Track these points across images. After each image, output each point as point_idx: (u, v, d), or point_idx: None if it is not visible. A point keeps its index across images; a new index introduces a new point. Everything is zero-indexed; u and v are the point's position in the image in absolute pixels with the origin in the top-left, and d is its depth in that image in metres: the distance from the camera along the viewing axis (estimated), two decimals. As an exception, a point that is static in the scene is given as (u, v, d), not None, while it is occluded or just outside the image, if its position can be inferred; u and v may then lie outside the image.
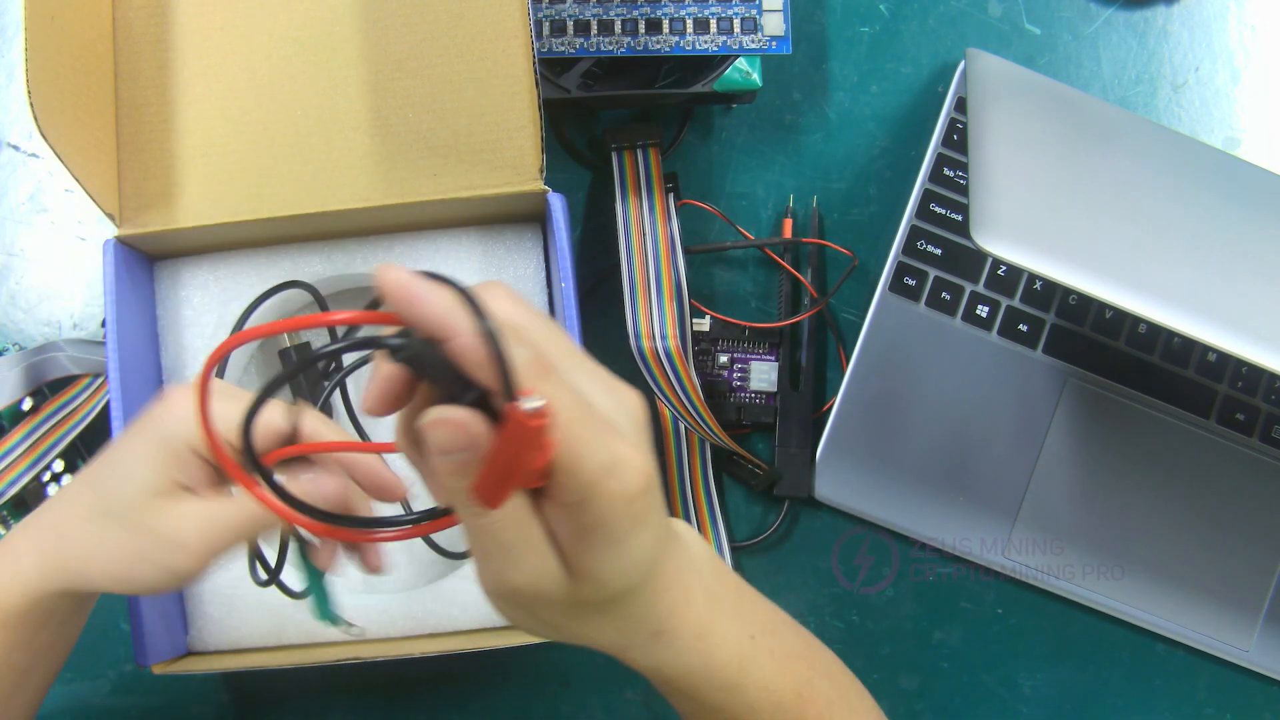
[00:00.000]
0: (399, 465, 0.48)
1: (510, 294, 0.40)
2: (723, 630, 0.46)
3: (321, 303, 0.66)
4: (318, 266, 0.66)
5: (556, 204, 0.62)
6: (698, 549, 0.47)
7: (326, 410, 0.68)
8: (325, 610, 0.52)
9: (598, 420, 0.38)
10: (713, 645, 0.46)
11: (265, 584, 0.60)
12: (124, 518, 0.48)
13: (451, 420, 0.36)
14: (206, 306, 0.67)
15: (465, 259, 0.67)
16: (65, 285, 0.73)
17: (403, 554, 0.70)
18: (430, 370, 0.36)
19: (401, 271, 0.36)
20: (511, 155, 0.62)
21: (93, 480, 0.50)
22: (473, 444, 0.36)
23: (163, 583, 0.49)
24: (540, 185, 0.62)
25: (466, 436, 0.36)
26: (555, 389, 0.37)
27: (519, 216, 0.67)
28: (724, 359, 0.72)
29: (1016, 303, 0.73)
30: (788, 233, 0.73)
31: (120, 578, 0.49)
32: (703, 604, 0.45)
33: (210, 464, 0.49)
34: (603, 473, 0.37)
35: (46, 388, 0.71)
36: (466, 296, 0.36)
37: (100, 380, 0.68)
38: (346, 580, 0.69)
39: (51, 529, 0.50)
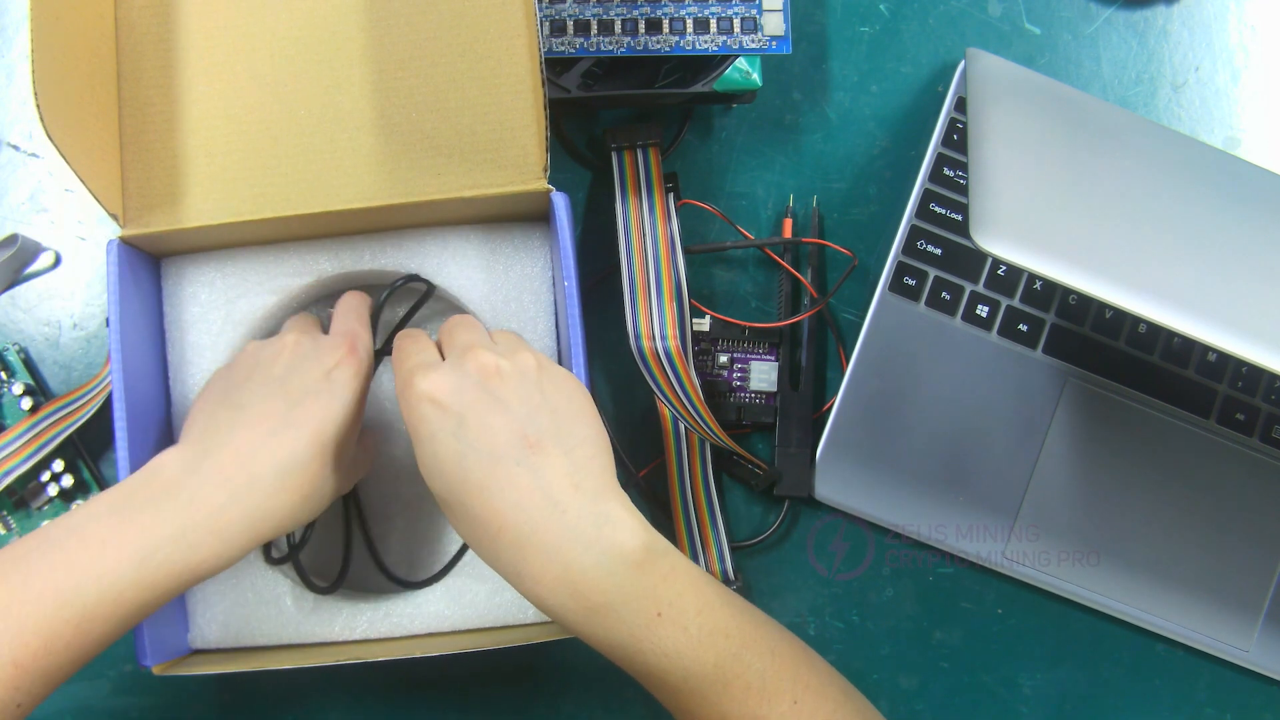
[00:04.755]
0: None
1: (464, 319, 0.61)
2: (613, 599, 0.52)
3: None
4: (325, 264, 0.66)
5: (560, 203, 0.62)
6: (617, 535, 0.53)
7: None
8: None
9: (411, 362, 0.56)
10: (594, 606, 0.52)
11: (278, 562, 0.65)
12: (344, 471, 0.58)
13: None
14: (213, 304, 0.67)
15: (473, 256, 0.67)
16: (65, 285, 0.73)
17: (402, 557, 0.70)
18: None
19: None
20: (515, 154, 0.62)
21: (322, 443, 0.56)
22: None
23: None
24: (544, 184, 0.62)
25: None
26: (396, 346, 0.59)
27: (525, 215, 0.67)
28: (724, 359, 0.72)
29: (1016, 303, 0.73)
30: (788, 233, 0.73)
31: (320, 508, 0.58)
32: (584, 569, 0.52)
33: None
34: (400, 391, 0.56)
35: (45, 392, 0.71)
36: None
37: (103, 383, 0.68)
38: (348, 583, 0.69)
39: (297, 493, 0.56)
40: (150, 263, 0.66)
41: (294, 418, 0.56)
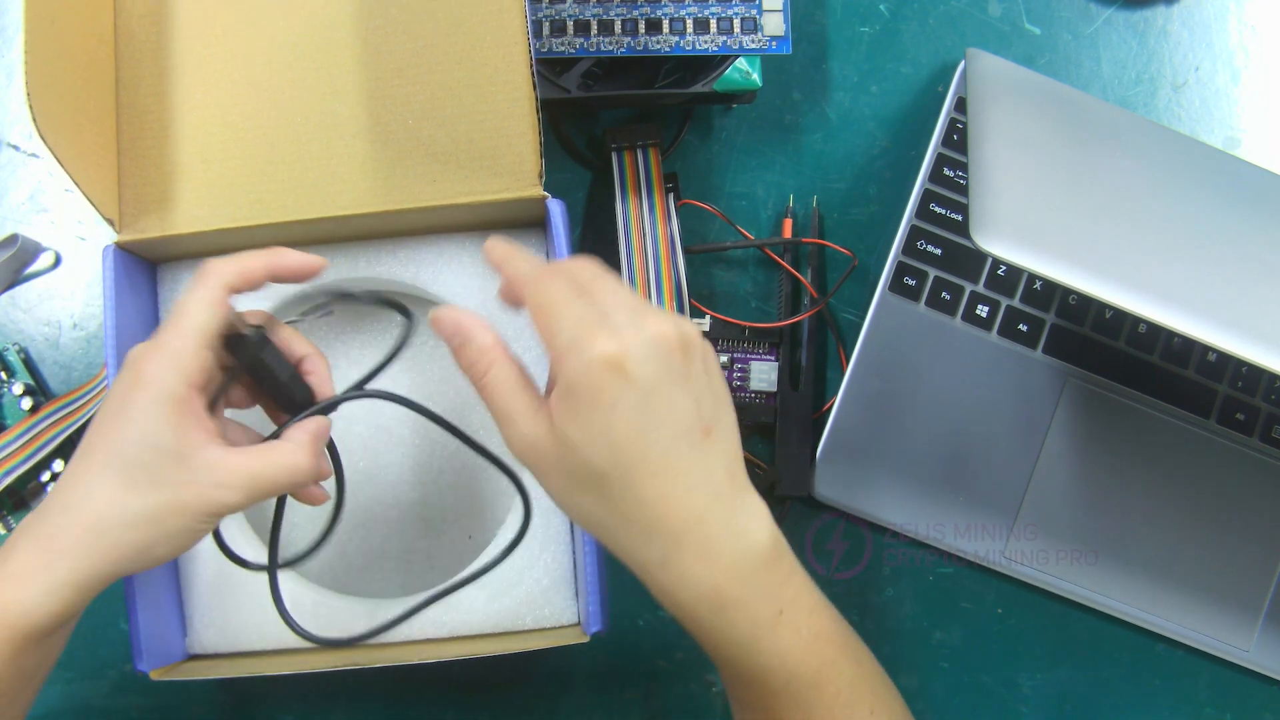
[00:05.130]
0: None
1: (591, 263, 0.53)
2: (748, 595, 0.51)
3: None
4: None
5: (556, 210, 0.62)
6: (756, 531, 0.51)
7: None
8: None
9: (576, 313, 0.49)
10: (729, 601, 0.51)
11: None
12: (161, 485, 0.51)
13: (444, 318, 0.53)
14: (208, 309, 0.67)
15: (469, 264, 0.67)
16: (65, 285, 0.73)
17: (401, 560, 0.70)
18: None
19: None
20: (510, 161, 0.62)
21: (108, 460, 0.51)
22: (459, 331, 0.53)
23: (207, 529, 0.53)
24: (539, 191, 0.62)
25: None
26: (539, 288, 0.50)
27: (521, 222, 0.67)
28: (724, 359, 0.72)
29: (1016, 303, 0.73)
30: (788, 233, 0.73)
31: (176, 547, 0.52)
32: (732, 563, 0.50)
33: (207, 396, 0.53)
34: (568, 346, 0.48)
35: (45, 391, 0.71)
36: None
37: (103, 383, 0.68)
38: (349, 585, 0.69)
39: (83, 527, 0.50)
40: (146, 268, 0.66)
41: (88, 443, 0.52)
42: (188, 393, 0.51)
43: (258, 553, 0.64)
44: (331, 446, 0.59)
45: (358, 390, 0.58)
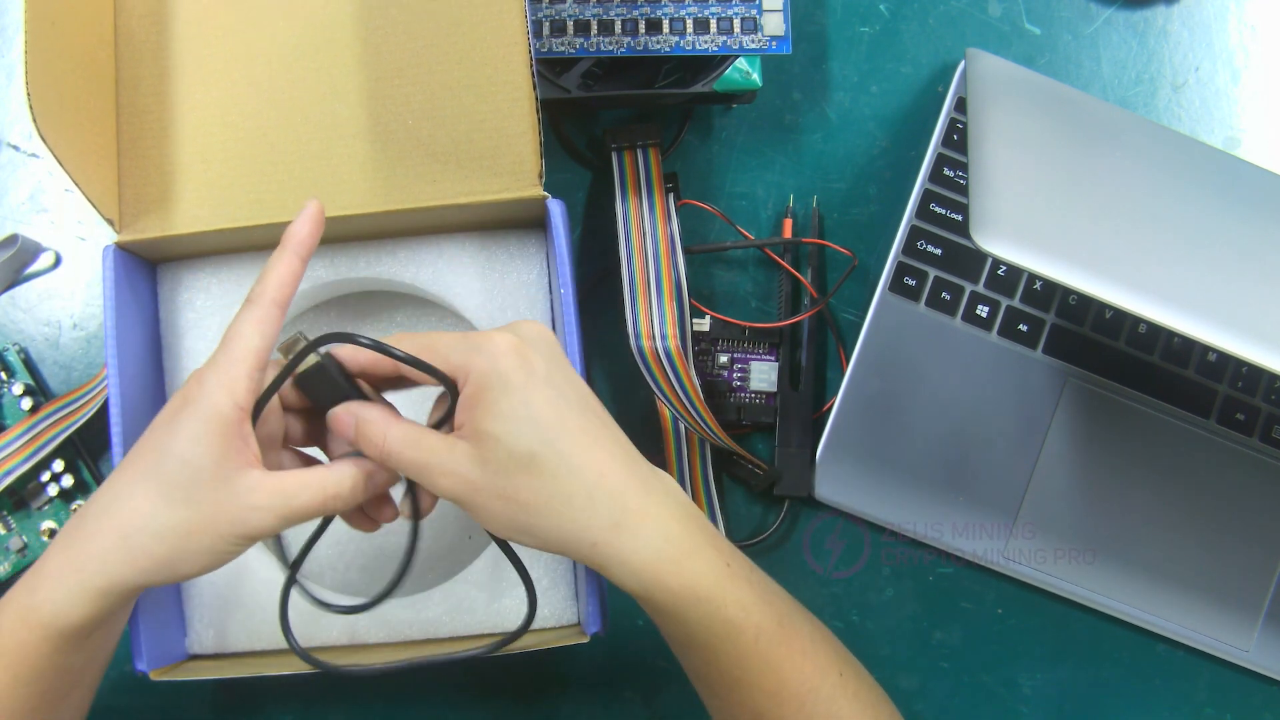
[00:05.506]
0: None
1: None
2: (696, 544, 0.52)
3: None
4: (321, 271, 0.66)
5: (556, 210, 0.62)
6: (677, 488, 0.54)
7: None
8: None
9: (452, 336, 0.53)
10: (684, 552, 0.52)
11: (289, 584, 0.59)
12: (194, 503, 0.51)
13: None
14: (209, 309, 0.67)
15: (469, 264, 0.67)
16: (65, 285, 0.73)
17: (400, 559, 0.69)
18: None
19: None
20: (511, 161, 0.62)
21: (147, 472, 0.52)
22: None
23: (237, 554, 0.53)
24: (540, 191, 0.62)
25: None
26: (413, 336, 0.53)
27: (521, 222, 0.67)
28: (724, 359, 0.72)
29: (1016, 303, 0.73)
30: (788, 233, 0.73)
31: (200, 565, 0.53)
32: (671, 515, 0.52)
33: (258, 426, 0.53)
34: (470, 350, 0.51)
35: (45, 392, 0.71)
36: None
37: (103, 383, 0.68)
38: (349, 585, 0.69)
39: (114, 533, 0.51)
40: (146, 268, 0.66)
41: (133, 453, 0.53)
42: (235, 414, 0.52)
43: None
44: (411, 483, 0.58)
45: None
